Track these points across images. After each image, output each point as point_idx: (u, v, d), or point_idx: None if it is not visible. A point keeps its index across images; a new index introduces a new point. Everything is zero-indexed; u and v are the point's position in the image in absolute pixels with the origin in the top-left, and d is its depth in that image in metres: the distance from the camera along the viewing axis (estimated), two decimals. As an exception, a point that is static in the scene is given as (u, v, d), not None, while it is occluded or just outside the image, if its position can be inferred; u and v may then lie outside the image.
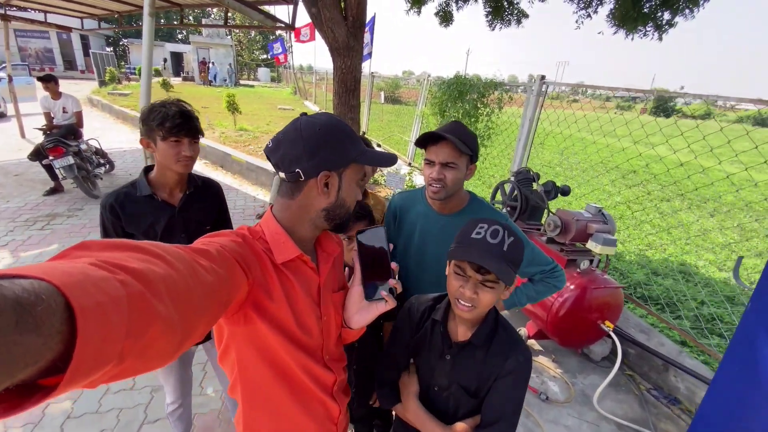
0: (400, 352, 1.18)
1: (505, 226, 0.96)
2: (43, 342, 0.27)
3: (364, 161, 0.82)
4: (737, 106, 2.72)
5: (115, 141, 8.26)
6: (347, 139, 0.80)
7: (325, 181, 0.79)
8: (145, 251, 0.45)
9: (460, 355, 1.06)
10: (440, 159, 1.28)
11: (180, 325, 0.44)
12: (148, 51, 3.32)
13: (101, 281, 0.34)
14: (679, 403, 2.36)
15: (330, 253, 0.93)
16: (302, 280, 0.83)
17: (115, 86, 16.54)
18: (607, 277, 2.48)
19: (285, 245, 0.80)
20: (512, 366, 1.00)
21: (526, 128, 3.88)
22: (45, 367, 0.29)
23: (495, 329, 1.04)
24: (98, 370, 0.32)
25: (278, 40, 17.08)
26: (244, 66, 40.60)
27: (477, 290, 0.95)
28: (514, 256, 0.94)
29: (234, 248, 0.69)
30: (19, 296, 0.26)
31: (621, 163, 8.98)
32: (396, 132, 9.87)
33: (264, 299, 0.76)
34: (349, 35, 3.87)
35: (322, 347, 0.90)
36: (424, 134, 1.31)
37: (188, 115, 1.38)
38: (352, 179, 0.84)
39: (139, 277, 0.39)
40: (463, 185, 1.40)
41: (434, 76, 6.24)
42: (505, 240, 0.93)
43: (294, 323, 0.81)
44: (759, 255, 5.14)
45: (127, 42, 28.86)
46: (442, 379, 1.09)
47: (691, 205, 7.21)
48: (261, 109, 14.03)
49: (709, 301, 3.78)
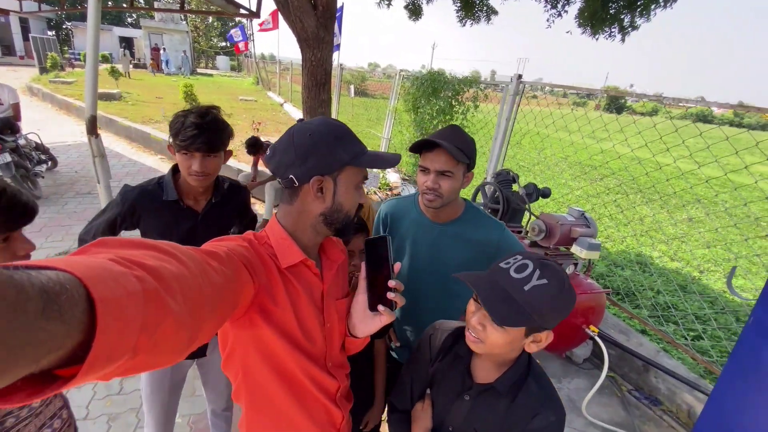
0: (416, 381, 1.06)
1: (542, 264, 0.80)
2: (66, 330, 0.29)
3: (360, 164, 0.81)
4: (683, 104, 2.85)
5: (58, 134, 7.52)
6: (339, 143, 0.79)
7: (318, 186, 0.79)
8: (159, 250, 0.47)
9: (480, 398, 0.93)
10: (435, 167, 1.19)
11: (190, 323, 0.45)
12: (94, 35, 2.93)
13: (120, 276, 0.35)
14: (661, 404, 2.39)
15: (334, 260, 0.93)
16: (306, 286, 0.84)
17: (58, 73, 15.09)
18: (590, 282, 2.47)
19: (289, 249, 0.81)
20: (539, 425, 0.86)
21: (503, 127, 3.84)
22: (65, 357, 0.30)
23: (525, 377, 0.90)
24: (114, 361, 0.33)
25: (238, 27, 16.30)
26: (201, 54, 38.56)
27: (485, 323, 0.83)
28: (537, 302, 0.77)
29: (241, 252, 0.71)
30: (45, 285, 0.28)
31: (583, 159, 9.31)
32: (365, 126, 9.68)
33: (269, 304, 0.77)
34: (319, 26, 3.63)
35: (325, 354, 0.90)
36: (418, 141, 1.21)
37: (204, 127, 1.24)
38: (349, 183, 0.82)
39: (154, 274, 0.40)
40: (459, 193, 1.30)
41: (405, 71, 6.10)
42: (531, 279, 0.78)
43: (298, 329, 0.82)
44: (708, 246, 5.49)
45: (71, 25, 26.47)
46: (457, 421, 0.96)
47: (648, 200, 7.58)
48: (221, 100, 13.31)
49: (664, 290, 3.98)
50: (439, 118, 4.68)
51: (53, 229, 4.04)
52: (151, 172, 6.00)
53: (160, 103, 10.99)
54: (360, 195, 0.85)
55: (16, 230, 0.90)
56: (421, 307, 1.40)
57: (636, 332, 2.81)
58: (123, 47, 23.52)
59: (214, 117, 1.29)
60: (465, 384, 0.95)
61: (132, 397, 2.20)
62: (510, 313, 0.77)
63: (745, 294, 4.24)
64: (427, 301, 1.39)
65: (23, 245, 0.91)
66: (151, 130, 7.55)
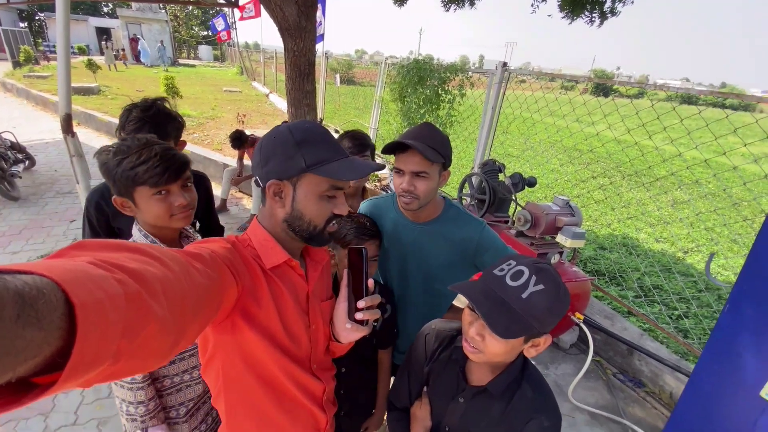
0: (413, 379, 1.06)
1: (537, 269, 0.78)
2: (44, 336, 0.28)
3: (319, 172, 0.76)
4: (665, 90, 2.87)
5: (35, 132, 7.31)
6: (301, 148, 0.76)
7: (274, 190, 0.78)
8: (141, 252, 0.46)
9: (474, 400, 0.93)
10: (410, 168, 1.17)
11: (174, 327, 0.44)
12: (64, 28, 2.80)
13: (100, 279, 0.34)
14: (644, 386, 2.46)
15: (318, 261, 0.92)
16: (291, 288, 0.83)
17: (32, 68, 14.60)
18: (576, 270, 2.51)
19: (273, 250, 0.80)
20: (534, 430, 0.86)
21: (489, 116, 3.82)
22: (42, 364, 0.29)
23: (519, 381, 0.89)
24: (95, 367, 0.32)
25: (220, 15, 15.86)
26: (182, 43, 37.51)
27: (483, 333, 0.81)
28: (535, 309, 0.75)
29: (224, 254, 0.70)
30: (20, 290, 0.27)
31: (571, 145, 9.37)
32: (353, 116, 9.57)
33: (252, 306, 0.76)
34: (300, 14, 3.54)
35: (310, 356, 0.89)
36: (390, 143, 1.18)
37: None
38: (310, 191, 0.78)
39: (136, 276, 0.39)
40: (436, 192, 1.29)
41: (391, 59, 6.02)
42: (528, 286, 0.76)
43: (282, 331, 0.80)
44: (690, 225, 5.61)
45: (44, 16, 25.44)
46: (453, 422, 0.96)
47: (633, 184, 7.68)
48: (204, 92, 13.02)
49: (649, 272, 4.08)
50: (426, 107, 4.64)
51: (34, 231, 3.95)
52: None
53: (141, 95, 10.67)
54: (333, 205, 0.81)
55: (172, 184, 1.02)
56: (405, 307, 1.40)
57: (621, 316, 2.87)
58: (104, 39, 22.68)
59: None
60: (459, 386, 0.95)
61: (122, 400, 2.19)
62: (511, 325, 0.75)
63: (727, 272, 4.37)
64: (410, 301, 1.39)
65: (178, 198, 1.04)
66: (133, 125, 7.36)
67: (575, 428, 2.15)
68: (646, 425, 2.18)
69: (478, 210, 3.04)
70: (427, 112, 4.63)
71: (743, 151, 2.89)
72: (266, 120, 9.48)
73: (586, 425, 2.17)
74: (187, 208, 1.07)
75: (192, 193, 1.11)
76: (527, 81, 4.69)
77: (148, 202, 1.02)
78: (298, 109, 3.96)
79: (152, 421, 1.09)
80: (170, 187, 1.03)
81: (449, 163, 1.24)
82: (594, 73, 64.56)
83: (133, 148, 0.99)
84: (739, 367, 1.36)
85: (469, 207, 3.18)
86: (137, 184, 1.00)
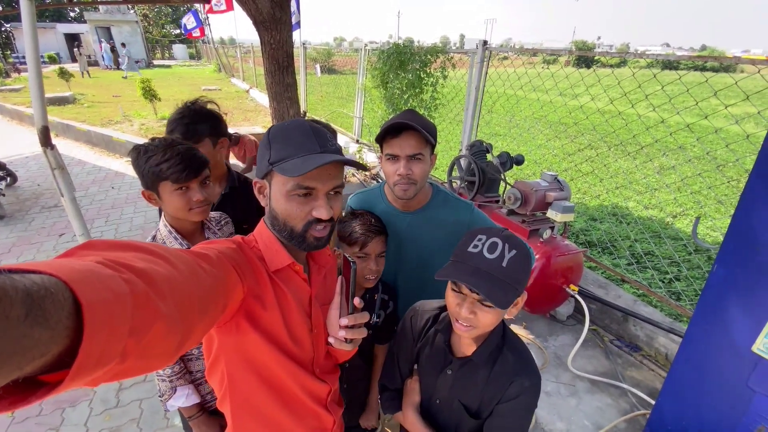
0: (403, 359, 1.11)
1: (506, 237, 0.85)
2: (51, 335, 0.28)
3: (279, 171, 0.73)
4: (646, 57, 2.89)
5: (13, 147, 7.12)
6: (271, 145, 0.76)
7: (258, 188, 0.80)
8: (148, 251, 0.46)
9: (461, 371, 0.98)
10: (406, 152, 1.16)
11: (180, 326, 0.44)
12: (32, 38, 2.71)
13: (107, 279, 0.34)
14: (640, 349, 2.53)
15: (322, 265, 0.92)
16: (294, 291, 0.82)
17: (3, 81, 14.15)
18: (568, 243, 2.55)
19: (277, 253, 0.80)
20: (516, 391, 0.92)
21: (473, 97, 3.81)
22: (50, 362, 0.29)
23: (501, 348, 0.96)
24: (102, 366, 0.32)
25: (190, 12, 15.40)
26: (155, 43, 36.51)
27: (475, 310, 0.86)
28: (515, 273, 0.82)
29: (231, 255, 0.70)
30: (29, 289, 0.27)
31: (555, 120, 9.39)
32: (337, 106, 9.46)
33: (257, 308, 0.76)
34: (274, 5, 3.45)
35: (313, 360, 0.89)
36: (384, 127, 1.17)
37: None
38: (277, 189, 0.77)
39: (143, 276, 0.39)
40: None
41: (371, 44, 5.94)
42: (504, 255, 0.82)
43: (286, 334, 0.80)
44: (677, 190, 5.71)
45: (10, 27, 24.52)
46: (443, 394, 1.02)
47: (620, 154, 7.75)
48: (183, 92, 12.75)
49: (639, 239, 4.17)
50: (410, 91, 4.59)
51: (23, 248, 3.89)
52: (118, 177, 5.78)
53: (118, 101, 10.45)
54: (309, 206, 0.75)
55: (191, 181, 1.13)
56: (400, 297, 1.41)
57: (615, 284, 2.93)
58: (76, 46, 21.88)
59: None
60: (446, 359, 1.00)
61: (131, 408, 2.20)
62: (505, 295, 0.81)
63: (715, 233, 4.46)
64: (404, 291, 1.40)
65: (196, 194, 1.14)
66: (113, 132, 7.21)
67: (576, 396, 2.21)
68: (644, 387, 2.25)
69: (468, 192, 3.06)
70: (411, 97, 4.59)
71: (724, 113, 2.93)
72: (248, 117, 9.33)
73: (587, 392, 2.24)
74: (204, 203, 1.18)
75: (210, 189, 1.22)
76: (509, 58, 4.67)
77: (171, 196, 1.13)
78: (280, 104, 3.90)
79: (179, 381, 1.22)
80: (190, 184, 1.14)
81: (435, 146, 1.24)
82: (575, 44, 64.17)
83: (160, 147, 1.12)
84: (730, 325, 1.40)
85: (460, 189, 3.19)
86: (161, 179, 1.12)
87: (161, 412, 2.15)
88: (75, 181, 2.72)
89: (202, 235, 1.28)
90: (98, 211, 4.74)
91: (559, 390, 2.24)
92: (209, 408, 1.30)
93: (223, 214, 1.40)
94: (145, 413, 2.17)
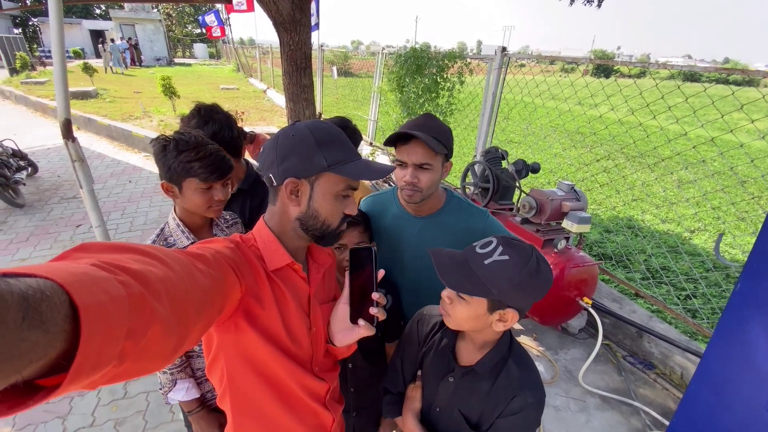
0: (407, 363, 1.10)
1: (508, 242, 0.83)
2: (48, 339, 0.28)
3: (339, 172, 0.78)
4: (668, 68, 2.82)
5: (36, 138, 7.32)
6: (321, 147, 0.77)
7: (291, 188, 0.78)
8: (144, 253, 0.46)
9: (463, 380, 0.96)
10: (412, 160, 1.16)
11: (177, 327, 0.44)
12: (58, 32, 2.78)
13: (103, 281, 0.34)
14: (654, 367, 2.46)
15: (321, 264, 0.93)
16: (293, 290, 0.83)
17: (29, 74, 14.53)
18: (582, 254, 2.49)
19: (276, 252, 0.81)
20: (518, 406, 0.89)
21: (490, 103, 3.78)
22: (47, 366, 0.29)
23: (506, 359, 0.93)
24: (99, 369, 0.32)
25: (212, 12, 15.68)
26: (177, 42, 37.29)
27: (452, 297, 0.87)
28: (496, 277, 0.79)
29: (228, 254, 0.70)
30: (25, 293, 0.27)
31: (573, 129, 9.26)
32: (352, 108, 9.50)
33: (255, 307, 0.76)
34: (294, 7, 3.50)
35: (312, 358, 0.89)
36: (392, 135, 1.17)
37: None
38: (327, 190, 0.80)
39: (139, 278, 0.39)
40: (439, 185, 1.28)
41: (388, 48, 5.95)
42: (492, 255, 0.81)
43: (284, 332, 0.81)
44: (696, 205, 5.56)
45: (37, 21, 25.28)
46: (444, 401, 1.00)
47: (638, 165, 7.61)
48: (201, 91, 12.97)
49: (655, 253, 4.07)
50: (425, 96, 4.59)
51: (41, 238, 3.98)
52: (136, 172, 5.89)
53: (138, 97, 10.68)
54: (345, 205, 0.83)
55: (217, 182, 1.17)
56: (408, 302, 1.39)
57: (629, 299, 2.86)
58: (101, 42, 22.35)
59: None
60: (449, 366, 0.98)
61: (137, 400, 2.22)
62: (464, 282, 0.80)
63: (734, 251, 4.33)
64: (413, 297, 1.38)
65: (218, 194, 1.19)
66: (132, 127, 7.36)
67: (586, 412, 2.16)
68: (657, 407, 2.18)
69: (482, 198, 3.03)
70: (427, 101, 4.58)
71: (749, 128, 2.84)
72: (264, 116, 9.44)
73: (597, 409, 2.18)
74: (222, 203, 1.22)
75: (228, 189, 1.25)
76: (527, 65, 4.63)
77: (194, 192, 1.16)
78: (296, 104, 3.93)
79: (180, 374, 1.24)
80: (215, 184, 1.18)
81: (451, 155, 1.22)
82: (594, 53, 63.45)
83: (191, 144, 1.13)
84: (752, 346, 1.35)
85: (473, 196, 3.17)
86: (189, 176, 1.14)
87: (167, 406, 2.16)
88: (94, 174, 2.77)
89: (210, 232, 1.31)
90: (115, 204, 4.82)
91: (569, 405, 2.19)
92: (210, 405, 1.31)
93: (233, 214, 1.43)
94: (151, 405, 2.18)
